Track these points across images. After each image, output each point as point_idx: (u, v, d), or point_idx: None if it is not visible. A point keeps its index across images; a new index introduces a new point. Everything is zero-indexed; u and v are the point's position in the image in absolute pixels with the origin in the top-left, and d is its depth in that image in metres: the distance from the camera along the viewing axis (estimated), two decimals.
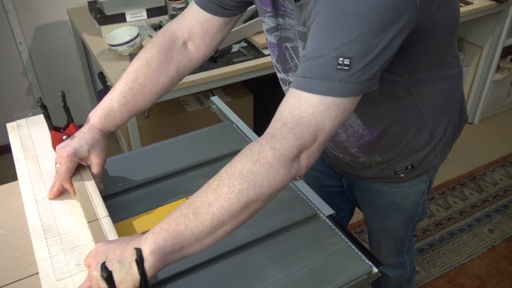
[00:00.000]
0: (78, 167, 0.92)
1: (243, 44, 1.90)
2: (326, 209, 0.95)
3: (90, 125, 0.93)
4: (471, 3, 2.28)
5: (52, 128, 0.96)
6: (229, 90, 2.27)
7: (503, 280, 1.91)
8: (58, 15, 2.36)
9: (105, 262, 0.61)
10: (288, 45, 0.92)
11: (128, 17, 2.01)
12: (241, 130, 1.20)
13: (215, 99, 1.35)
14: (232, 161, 0.71)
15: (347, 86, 0.67)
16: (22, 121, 1.12)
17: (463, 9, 2.22)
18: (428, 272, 1.95)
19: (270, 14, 0.91)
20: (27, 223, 0.86)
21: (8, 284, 0.78)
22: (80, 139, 0.91)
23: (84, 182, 0.91)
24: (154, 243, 0.68)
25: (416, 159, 1.02)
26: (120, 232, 0.84)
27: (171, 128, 2.10)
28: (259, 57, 1.82)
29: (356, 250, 0.86)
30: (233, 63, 1.78)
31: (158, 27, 2.02)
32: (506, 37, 2.54)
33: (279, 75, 1.00)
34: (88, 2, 2.16)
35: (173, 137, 1.18)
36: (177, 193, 0.99)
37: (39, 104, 0.94)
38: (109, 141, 0.97)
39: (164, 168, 1.05)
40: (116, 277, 0.65)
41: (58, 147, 0.90)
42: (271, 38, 0.95)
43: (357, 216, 1.44)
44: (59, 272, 0.77)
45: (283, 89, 1.03)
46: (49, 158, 1.00)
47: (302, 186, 1.01)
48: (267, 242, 0.88)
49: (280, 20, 0.90)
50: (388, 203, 1.14)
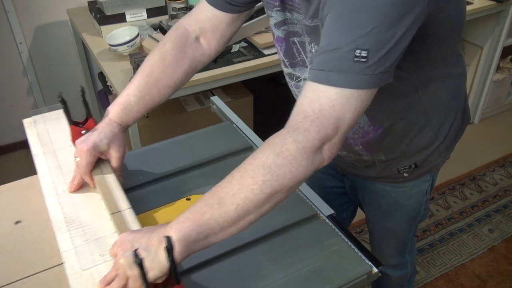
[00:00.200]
0: (98, 161, 0.94)
1: (243, 44, 1.90)
2: (326, 209, 0.95)
3: (109, 120, 0.95)
4: (471, 3, 2.28)
5: (71, 122, 0.97)
6: (229, 90, 2.27)
7: (503, 280, 1.91)
8: (58, 15, 2.36)
9: (137, 249, 0.64)
10: (296, 39, 0.92)
11: (128, 17, 2.01)
12: (241, 130, 1.20)
13: (215, 99, 1.35)
14: (255, 153, 0.72)
15: (364, 78, 0.69)
16: (38, 117, 1.14)
17: None
18: (428, 272, 1.95)
19: (278, 9, 0.92)
20: (49, 215, 0.88)
21: (34, 274, 0.80)
22: (100, 133, 0.92)
23: (104, 175, 0.92)
24: (180, 232, 0.69)
25: (420, 158, 1.02)
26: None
27: (171, 128, 2.10)
28: (259, 57, 1.83)
29: (356, 250, 0.86)
30: (233, 63, 1.78)
31: (158, 27, 2.02)
32: (506, 37, 2.54)
33: (286, 70, 1.00)
34: (88, 2, 2.16)
35: (173, 137, 1.18)
36: (177, 193, 0.99)
37: (59, 99, 0.95)
38: None
39: (164, 168, 1.05)
40: (137, 268, 0.66)
41: (78, 141, 0.92)
42: (279, 33, 0.95)
43: (357, 216, 1.44)
44: (83, 263, 0.79)
45: (289, 84, 1.02)
46: (67, 153, 1.02)
47: (302, 186, 1.01)
48: (267, 242, 0.88)
49: (288, 14, 0.91)
50: (391, 203, 1.14)
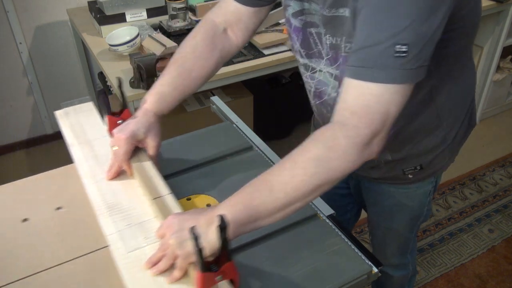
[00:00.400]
0: (135, 150, 0.96)
1: None
2: (326, 209, 0.95)
3: (145, 109, 0.97)
4: None
5: (109, 113, 1.01)
6: (229, 90, 2.27)
7: (503, 280, 1.91)
8: (58, 15, 2.36)
9: (194, 227, 0.67)
10: (313, 30, 0.93)
11: (128, 17, 2.01)
12: (241, 130, 1.20)
13: (215, 99, 1.35)
14: (304, 145, 0.75)
15: (406, 72, 0.70)
16: (69, 109, 1.17)
17: None
18: (428, 272, 1.95)
19: None
20: (90, 201, 0.91)
21: (81, 256, 0.83)
22: (137, 122, 0.94)
23: (142, 163, 0.95)
24: (230, 214, 0.71)
25: (426, 160, 1.02)
26: None
27: (171, 128, 2.10)
28: (259, 57, 1.83)
29: (356, 250, 0.86)
30: (233, 63, 1.78)
31: (158, 27, 2.02)
32: (506, 37, 2.54)
33: (301, 61, 1.00)
34: (88, 2, 2.16)
35: (173, 137, 1.18)
36: (177, 193, 0.98)
37: (99, 89, 0.99)
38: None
39: (164, 168, 1.05)
40: (193, 244, 0.69)
41: (115, 130, 0.94)
42: (296, 22, 0.95)
43: None
44: (128, 245, 0.81)
45: (303, 75, 1.02)
46: (102, 143, 1.05)
47: None
48: (267, 242, 0.88)
49: (306, 4, 0.91)
50: (394, 204, 1.15)
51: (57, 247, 0.85)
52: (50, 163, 1.16)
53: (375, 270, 0.83)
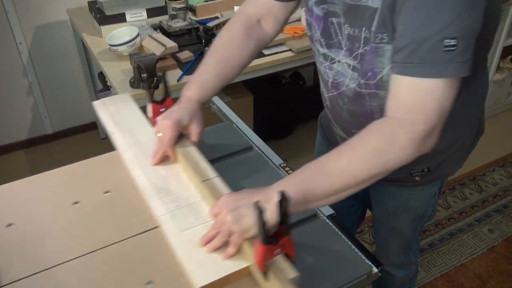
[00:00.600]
0: (178, 136, 0.98)
1: None
2: (326, 209, 0.95)
3: (187, 97, 1.00)
4: None
5: (152, 101, 1.04)
6: (229, 90, 2.27)
7: (503, 280, 1.91)
8: (58, 15, 2.36)
9: (258, 201, 0.68)
10: (334, 20, 0.92)
11: (128, 17, 2.01)
12: (241, 130, 1.20)
13: (215, 99, 1.35)
14: (363, 135, 0.78)
15: (457, 65, 0.71)
16: (107, 99, 1.20)
17: None
18: (428, 272, 1.95)
19: None
20: (136, 185, 0.95)
21: (133, 236, 0.86)
22: (181, 109, 0.97)
23: (187, 148, 0.98)
24: (288, 192, 0.71)
25: (434, 163, 1.02)
26: None
27: None
28: (259, 57, 1.82)
29: (356, 250, 0.86)
30: None
31: (158, 27, 2.02)
32: (506, 37, 2.54)
33: (321, 50, 0.99)
34: (88, 2, 2.16)
35: None
36: None
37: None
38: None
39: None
40: (249, 221, 0.74)
41: (160, 118, 0.97)
42: (318, 11, 0.95)
43: None
44: (180, 225, 0.84)
45: (322, 65, 1.01)
46: (142, 130, 1.09)
47: None
48: None
49: None
50: (400, 205, 1.15)
51: (109, 228, 0.88)
52: (50, 163, 1.16)
53: (375, 270, 0.83)
